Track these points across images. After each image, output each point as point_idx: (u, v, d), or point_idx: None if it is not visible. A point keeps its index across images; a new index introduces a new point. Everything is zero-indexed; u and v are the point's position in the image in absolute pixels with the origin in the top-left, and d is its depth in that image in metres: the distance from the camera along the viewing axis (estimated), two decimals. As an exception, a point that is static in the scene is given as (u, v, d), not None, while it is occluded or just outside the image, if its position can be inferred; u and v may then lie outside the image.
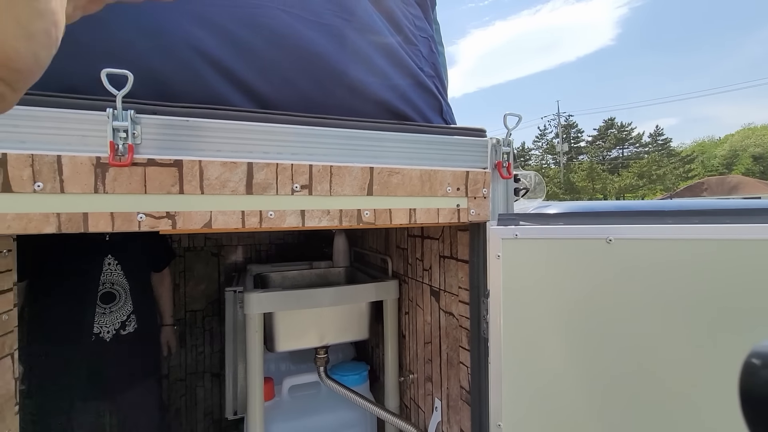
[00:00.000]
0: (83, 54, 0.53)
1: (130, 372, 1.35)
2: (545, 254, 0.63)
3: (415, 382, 1.12)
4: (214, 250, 2.28)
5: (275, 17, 0.63)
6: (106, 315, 1.32)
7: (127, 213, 0.54)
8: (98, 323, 1.30)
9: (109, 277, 1.32)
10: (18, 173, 0.49)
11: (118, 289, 1.34)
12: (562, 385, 0.63)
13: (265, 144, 0.60)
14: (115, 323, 1.33)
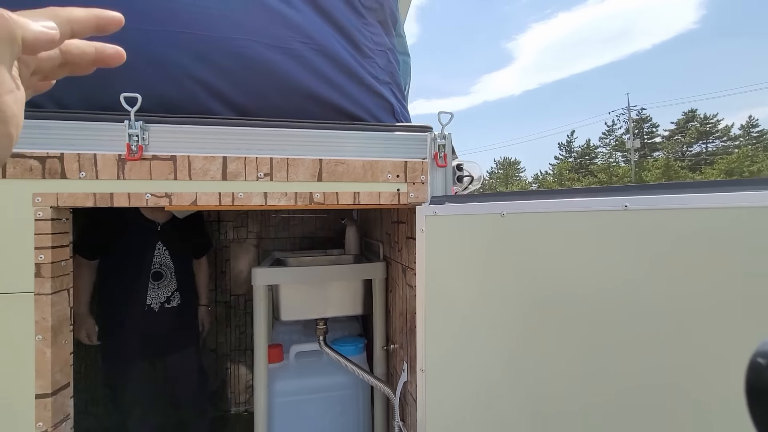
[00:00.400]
0: (109, 82, 0.76)
1: (172, 338, 1.66)
2: (456, 227, 0.76)
3: (396, 351, 1.27)
4: (254, 242, 2.59)
5: (248, 46, 0.83)
6: (155, 290, 1.63)
7: (139, 194, 0.76)
8: (149, 296, 1.62)
9: (159, 259, 1.63)
10: (70, 166, 0.73)
11: (165, 269, 1.65)
12: (472, 336, 0.75)
13: (236, 142, 0.80)
14: (161, 297, 1.64)
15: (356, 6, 0.94)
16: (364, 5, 0.95)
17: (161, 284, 1.65)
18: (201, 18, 0.82)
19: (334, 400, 1.34)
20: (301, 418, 1.31)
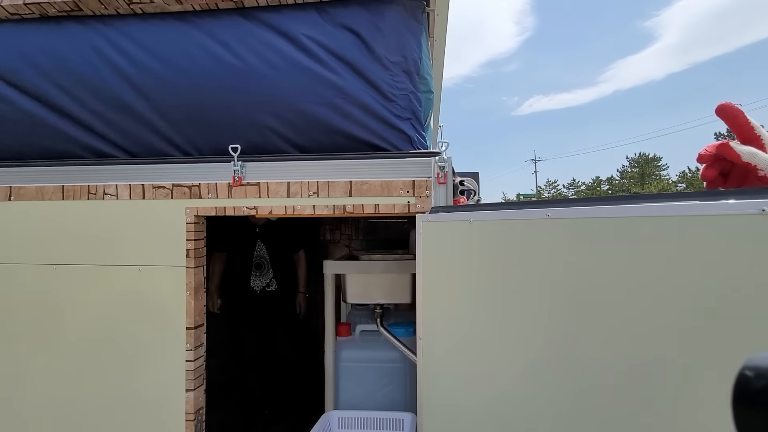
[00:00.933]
0: (224, 136, 1.22)
1: (271, 315, 2.19)
2: (442, 232, 1.01)
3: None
4: (346, 242, 3.07)
5: (306, 105, 1.21)
6: (257, 277, 2.18)
7: (239, 207, 1.20)
8: (252, 282, 2.18)
9: (258, 252, 2.19)
10: (203, 190, 1.21)
11: (263, 261, 2.20)
12: (456, 314, 0.99)
13: (296, 171, 1.18)
14: (262, 283, 2.19)
15: (384, 62, 1.25)
16: (390, 61, 1.26)
17: (261, 273, 2.20)
18: (278, 89, 1.23)
19: (385, 371, 1.66)
20: (359, 381, 1.65)
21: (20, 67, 1.35)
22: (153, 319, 1.21)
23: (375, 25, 1.27)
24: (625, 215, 0.65)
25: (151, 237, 1.23)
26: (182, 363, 1.19)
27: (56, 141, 1.33)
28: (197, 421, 1.21)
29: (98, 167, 1.29)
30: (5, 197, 1.29)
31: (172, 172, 1.24)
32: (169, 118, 1.28)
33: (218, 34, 1.30)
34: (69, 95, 1.32)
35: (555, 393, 0.75)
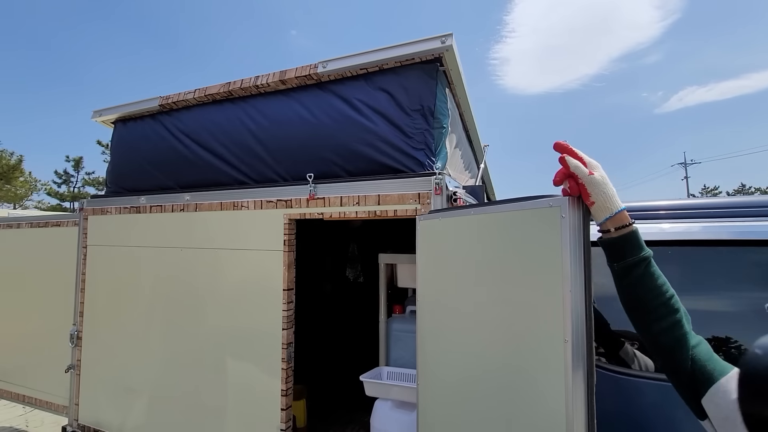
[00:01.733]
0: (305, 167, 1.91)
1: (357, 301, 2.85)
2: (433, 228, 1.49)
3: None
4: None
5: (353, 145, 1.82)
6: (350, 269, 2.86)
7: (313, 213, 1.87)
8: (347, 272, 2.86)
9: (352, 250, 2.88)
10: (295, 203, 1.91)
11: (355, 257, 2.88)
12: (442, 287, 1.45)
13: (345, 189, 1.80)
14: (354, 273, 2.86)
15: (407, 111, 1.79)
16: (411, 109, 1.79)
17: (352, 265, 2.88)
18: (337, 136, 1.88)
19: (423, 340, 2.13)
20: (403, 346, 2.16)
21: (199, 131, 2.29)
22: (264, 283, 1.95)
23: (401, 85, 1.83)
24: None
25: (265, 232, 1.98)
26: (280, 311, 1.90)
27: (218, 175, 2.21)
28: (288, 350, 1.89)
29: (239, 190, 2.10)
30: (193, 209, 2.20)
31: (276, 192, 1.98)
32: (275, 158, 2.04)
33: (304, 101, 2.02)
34: (224, 146, 2.19)
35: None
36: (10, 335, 3.07)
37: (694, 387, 0.77)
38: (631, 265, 0.85)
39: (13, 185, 16.36)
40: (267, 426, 1.88)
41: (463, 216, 1.29)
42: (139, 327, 2.31)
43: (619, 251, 0.87)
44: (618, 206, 0.88)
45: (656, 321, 0.82)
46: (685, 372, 0.79)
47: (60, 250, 2.74)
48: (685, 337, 0.81)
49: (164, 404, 2.19)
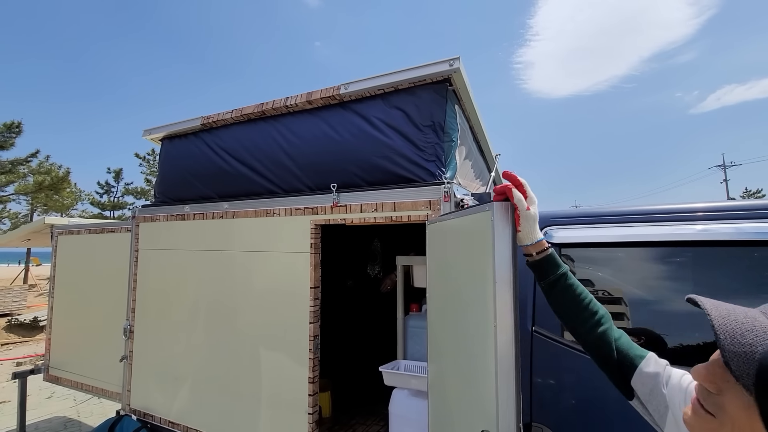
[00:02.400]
0: (329, 178, 2.15)
1: (377, 295, 3.06)
2: (444, 229, 1.68)
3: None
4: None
5: (372, 158, 2.04)
6: (372, 265, 3.08)
7: (336, 219, 2.09)
8: (369, 268, 3.09)
9: (375, 247, 3.10)
10: (321, 209, 2.15)
11: (377, 254, 3.09)
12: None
13: (365, 197, 2.01)
14: (375, 270, 3.08)
15: (419, 126, 2.00)
16: (423, 125, 2.00)
17: (374, 261, 3.11)
18: (358, 151, 2.10)
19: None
20: (420, 341, 2.34)
21: (236, 147, 2.57)
22: (293, 282, 2.19)
23: (414, 103, 2.04)
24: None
25: (294, 236, 2.22)
26: (307, 307, 2.13)
27: (252, 186, 2.48)
28: (315, 341, 2.11)
29: (271, 199, 2.36)
30: (231, 216, 2.48)
31: (304, 200, 2.22)
32: (303, 170, 2.29)
33: (329, 119, 2.26)
34: (258, 161, 2.46)
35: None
36: (71, 330, 3.46)
37: (622, 373, 0.92)
38: (554, 280, 1.03)
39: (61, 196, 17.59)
40: (296, 410, 2.10)
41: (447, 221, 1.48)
42: (183, 322, 2.59)
43: (543, 271, 1.06)
44: (539, 236, 1.08)
45: (582, 323, 0.99)
46: (613, 361, 0.94)
47: (115, 253, 3.09)
48: (608, 333, 0.97)
49: (205, 391, 2.45)
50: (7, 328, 10.73)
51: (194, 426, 2.46)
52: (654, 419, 0.89)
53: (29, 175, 15.93)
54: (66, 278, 3.54)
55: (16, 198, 16.29)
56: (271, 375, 2.22)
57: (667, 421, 0.84)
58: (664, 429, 0.86)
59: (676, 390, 0.83)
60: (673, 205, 1.60)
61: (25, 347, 9.74)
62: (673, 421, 0.82)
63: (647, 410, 0.89)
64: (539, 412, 1.57)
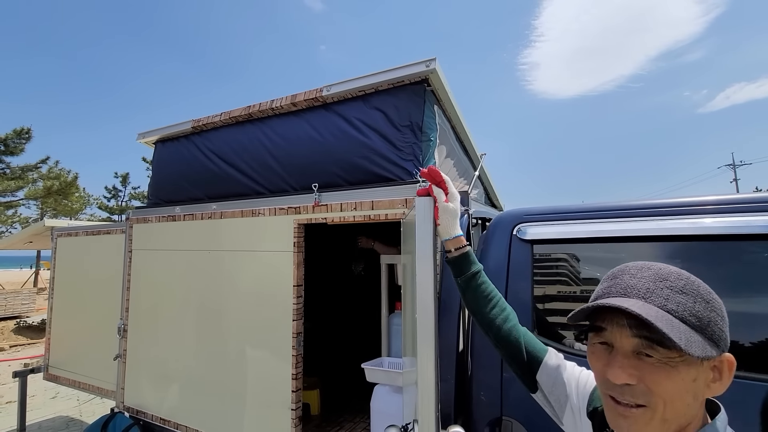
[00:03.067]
0: (310, 178, 2.19)
1: (360, 292, 3.10)
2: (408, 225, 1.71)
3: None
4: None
5: (351, 158, 2.08)
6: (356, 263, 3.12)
7: (318, 218, 2.13)
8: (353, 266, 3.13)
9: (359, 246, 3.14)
10: (303, 209, 2.19)
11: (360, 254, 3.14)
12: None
13: (345, 196, 2.05)
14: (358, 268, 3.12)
15: (397, 126, 2.04)
16: (401, 125, 2.03)
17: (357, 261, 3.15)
18: (339, 151, 2.15)
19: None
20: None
21: (225, 149, 2.63)
22: (277, 280, 2.23)
23: (393, 104, 2.08)
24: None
25: (278, 235, 2.26)
26: (290, 305, 2.16)
27: (239, 187, 2.53)
28: (298, 338, 2.15)
29: (257, 199, 2.41)
30: (219, 217, 2.53)
31: (287, 200, 2.27)
32: (287, 170, 2.33)
33: (311, 120, 2.31)
34: (245, 162, 2.51)
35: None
36: (70, 330, 3.54)
37: (529, 366, 0.99)
38: (470, 276, 1.10)
39: (70, 200, 17.89)
40: (280, 406, 2.14)
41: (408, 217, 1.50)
42: (173, 320, 2.65)
43: (460, 267, 1.12)
44: (458, 232, 1.15)
45: (493, 319, 1.05)
46: (522, 356, 1.00)
47: (111, 254, 3.16)
48: (516, 328, 1.04)
49: (194, 388, 2.50)
50: (16, 330, 10.93)
51: (184, 423, 2.51)
52: (554, 409, 0.94)
53: (39, 180, 16.23)
54: (65, 279, 3.62)
55: (26, 203, 16.60)
56: (256, 372, 2.26)
57: (566, 411, 0.89)
58: (563, 418, 0.91)
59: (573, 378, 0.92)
60: (646, 201, 1.62)
61: (33, 349, 9.90)
62: (570, 411, 0.88)
63: (549, 401, 0.95)
64: (509, 407, 1.59)
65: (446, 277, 1.85)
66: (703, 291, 0.64)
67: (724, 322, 0.64)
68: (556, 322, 1.63)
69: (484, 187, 3.48)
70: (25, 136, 14.92)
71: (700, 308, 0.62)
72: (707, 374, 0.63)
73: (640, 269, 0.69)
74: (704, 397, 0.64)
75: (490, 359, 1.70)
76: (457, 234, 1.14)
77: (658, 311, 0.61)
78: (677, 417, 0.61)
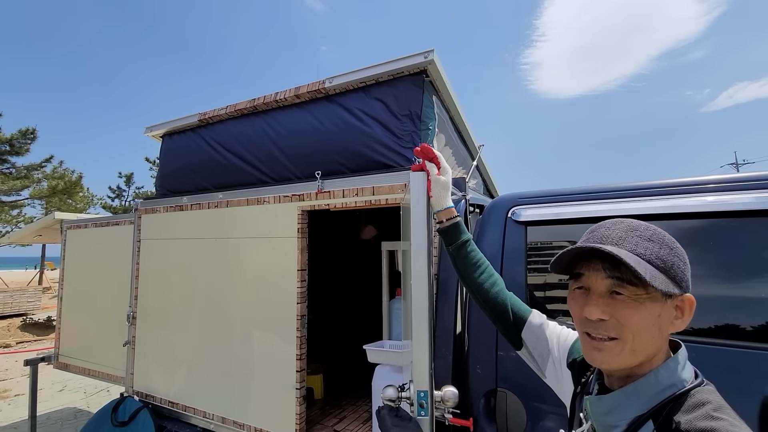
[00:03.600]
0: (314, 165, 2.27)
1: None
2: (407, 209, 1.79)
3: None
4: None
5: (354, 147, 2.16)
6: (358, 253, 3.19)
7: (321, 204, 2.22)
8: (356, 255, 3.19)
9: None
10: (307, 195, 2.27)
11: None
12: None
13: (348, 183, 2.13)
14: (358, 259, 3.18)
15: (397, 116, 2.12)
16: (401, 114, 2.12)
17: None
18: (341, 140, 2.23)
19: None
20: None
21: (230, 140, 2.71)
22: (282, 265, 2.31)
23: (393, 94, 2.16)
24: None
25: (282, 222, 2.35)
26: (295, 288, 2.25)
27: (245, 176, 2.61)
28: (302, 320, 2.23)
29: (262, 188, 2.50)
30: (225, 205, 2.62)
31: (291, 188, 2.35)
32: (291, 160, 2.42)
33: (314, 111, 2.39)
34: (250, 152, 2.60)
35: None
36: (79, 319, 3.63)
37: (515, 325, 1.09)
38: (460, 245, 1.20)
39: (74, 200, 18.06)
40: (284, 386, 2.22)
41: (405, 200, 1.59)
42: (181, 307, 2.74)
43: (451, 236, 1.22)
44: (449, 203, 1.25)
45: (482, 284, 1.15)
46: (508, 316, 1.10)
47: (119, 245, 3.26)
48: (502, 292, 1.14)
49: (201, 371, 2.59)
50: (22, 327, 11.06)
51: (192, 405, 2.60)
52: (537, 364, 1.05)
53: (43, 180, 16.40)
54: (74, 270, 3.72)
55: (31, 202, 16.77)
56: (261, 354, 2.34)
57: (548, 364, 0.99)
58: (545, 371, 1.01)
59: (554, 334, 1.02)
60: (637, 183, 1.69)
61: (39, 345, 10.02)
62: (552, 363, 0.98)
63: (533, 356, 1.06)
64: (503, 379, 1.67)
65: (444, 259, 1.94)
66: (668, 240, 0.73)
67: (686, 267, 0.72)
68: (548, 298, 1.70)
69: (483, 179, 3.56)
70: (30, 137, 15.09)
71: (665, 253, 0.71)
72: (670, 312, 0.71)
73: (614, 223, 0.78)
74: (668, 332, 0.72)
75: (486, 338, 1.78)
76: (448, 205, 1.23)
77: (628, 253, 0.69)
78: (644, 348, 0.70)
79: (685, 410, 0.65)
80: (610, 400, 0.73)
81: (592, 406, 0.75)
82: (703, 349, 1.31)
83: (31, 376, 3.71)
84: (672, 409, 0.66)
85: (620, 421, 0.70)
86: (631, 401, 0.70)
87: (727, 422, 0.61)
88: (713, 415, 0.62)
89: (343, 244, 3.83)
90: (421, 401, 1.13)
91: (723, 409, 0.64)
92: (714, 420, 0.61)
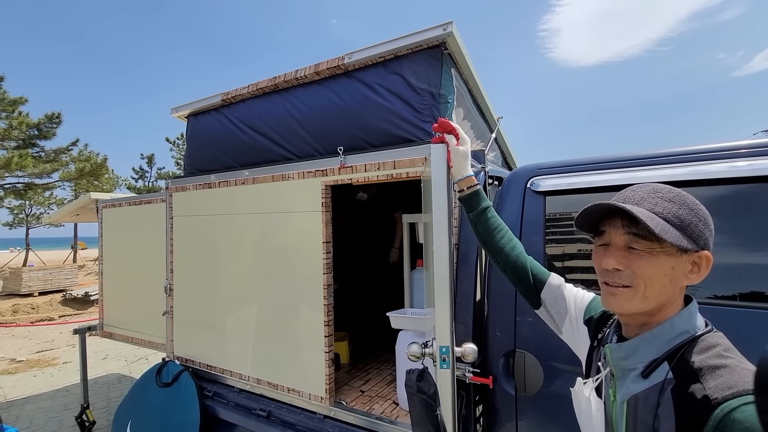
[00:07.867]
0: (337, 142, 2.34)
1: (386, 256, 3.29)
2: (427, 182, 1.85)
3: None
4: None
5: (374, 122, 2.22)
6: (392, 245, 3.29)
7: (343, 179, 2.30)
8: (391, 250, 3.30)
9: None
10: (330, 171, 2.36)
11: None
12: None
13: (370, 157, 2.20)
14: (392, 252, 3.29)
15: (416, 90, 2.15)
16: (420, 88, 2.14)
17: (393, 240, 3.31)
18: (361, 115, 2.28)
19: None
20: (424, 292, 2.55)
21: (253, 119, 2.80)
22: (307, 237, 2.43)
23: (412, 68, 2.18)
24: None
25: (306, 197, 2.45)
26: (321, 260, 2.37)
27: (268, 154, 2.71)
28: (328, 289, 2.36)
29: (286, 164, 2.59)
30: (251, 182, 2.73)
31: (314, 164, 2.43)
32: (313, 136, 2.49)
33: (334, 87, 2.44)
34: (273, 130, 2.68)
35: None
36: (120, 292, 3.89)
37: (534, 286, 1.16)
38: (480, 211, 1.26)
39: (101, 182, 18.70)
40: (313, 349, 2.38)
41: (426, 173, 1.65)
42: (213, 278, 2.91)
43: (471, 203, 1.29)
44: (468, 172, 1.31)
45: (502, 248, 1.22)
46: (528, 278, 1.17)
47: (153, 221, 3.44)
48: (522, 255, 1.21)
49: (235, 337, 2.78)
50: (62, 302, 11.78)
51: (228, 368, 2.81)
52: (555, 321, 1.13)
53: (71, 162, 16.99)
54: (112, 246, 3.96)
55: (61, 184, 17.45)
56: (291, 321, 2.50)
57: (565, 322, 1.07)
58: (562, 328, 1.09)
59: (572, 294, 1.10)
60: (655, 150, 1.70)
61: (78, 318, 10.69)
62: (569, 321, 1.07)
63: (551, 315, 1.14)
64: (521, 341, 1.76)
65: (464, 227, 2.01)
66: (689, 201, 0.79)
67: (706, 227, 0.78)
68: (567, 267, 1.76)
69: (501, 151, 3.56)
70: (56, 121, 15.54)
71: (684, 213, 0.76)
72: (686, 266, 0.77)
73: (639, 186, 0.84)
74: (682, 285, 0.79)
75: (505, 303, 1.86)
76: (468, 174, 1.29)
77: (645, 211, 0.76)
78: (655, 296, 0.77)
79: (698, 351, 0.73)
80: (628, 345, 0.81)
81: (612, 352, 0.84)
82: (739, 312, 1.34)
83: (80, 343, 4.03)
84: (686, 351, 0.74)
85: (638, 364, 0.79)
86: (648, 346, 0.78)
87: (735, 360, 0.69)
88: (723, 354, 0.70)
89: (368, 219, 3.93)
90: (443, 355, 1.24)
91: (732, 350, 0.72)
92: (724, 358, 0.69)
